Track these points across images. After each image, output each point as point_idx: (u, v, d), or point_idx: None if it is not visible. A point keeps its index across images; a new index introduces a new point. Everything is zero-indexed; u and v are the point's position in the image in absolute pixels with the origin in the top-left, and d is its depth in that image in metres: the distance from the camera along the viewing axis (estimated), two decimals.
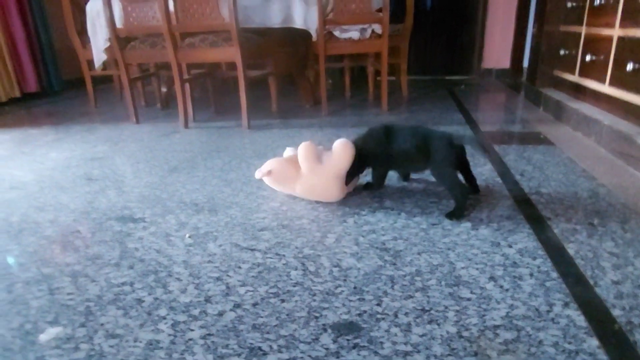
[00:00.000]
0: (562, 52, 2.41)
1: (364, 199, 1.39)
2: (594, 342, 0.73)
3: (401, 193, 1.43)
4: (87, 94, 3.28)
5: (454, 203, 1.25)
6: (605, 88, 1.91)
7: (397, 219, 1.23)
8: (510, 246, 1.06)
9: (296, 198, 1.41)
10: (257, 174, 1.41)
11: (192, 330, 0.82)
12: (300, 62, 2.92)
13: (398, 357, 0.72)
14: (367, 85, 3.33)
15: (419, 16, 3.01)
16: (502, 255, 1.02)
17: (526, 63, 3.79)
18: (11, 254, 1.12)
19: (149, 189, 1.56)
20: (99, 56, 2.96)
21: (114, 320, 0.86)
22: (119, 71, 3.37)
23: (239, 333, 0.80)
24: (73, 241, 1.19)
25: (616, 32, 1.82)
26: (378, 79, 3.24)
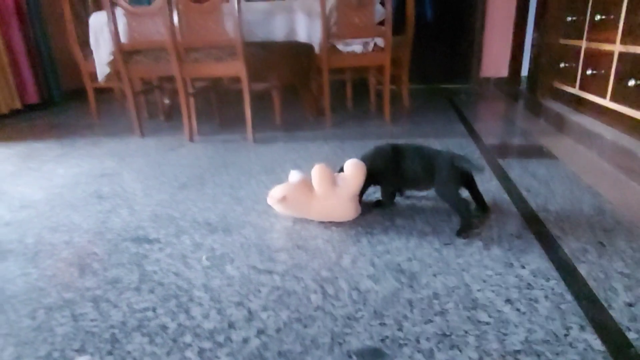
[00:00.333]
0: (562, 65, 2.45)
1: (375, 217, 1.41)
2: None
3: (411, 210, 1.45)
4: (89, 105, 3.29)
5: (460, 220, 1.29)
6: (606, 102, 1.95)
7: (410, 238, 1.25)
8: (523, 267, 1.08)
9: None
10: (271, 201, 1.41)
11: (219, 358, 0.83)
12: (303, 75, 2.95)
13: None
14: (369, 96, 3.36)
15: (419, 26, 3.06)
16: (516, 276, 1.04)
17: (524, 72, 3.85)
18: (31, 278, 1.13)
19: (161, 208, 1.57)
20: (102, 69, 2.97)
21: (140, 347, 0.87)
22: (122, 84, 3.40)
23: None
24: (91, 264, 1.20)
25: (617, 48, 1.86)
26: (378, 88, 3.28)
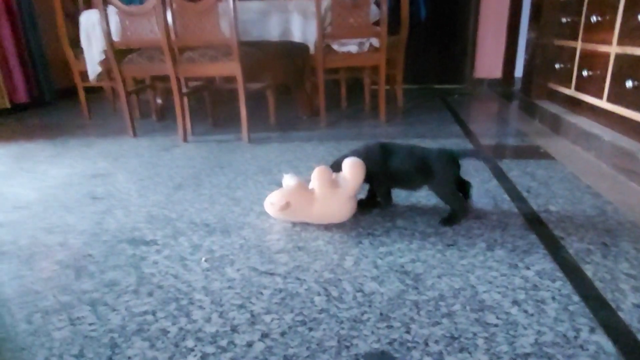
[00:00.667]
0: (557, 66, 2.46)
1: (375, 218, 1.40)
2: None
3: (411, 211, 1.44)
4: (80, 105, 3.24)
5: (450, 213, 1.35)
6: (603, 103, 1.96)
7: (412, 240, 1.24)
8: (528, 268, 1.07)
9: None
10: (271, 209, 1.36)
11: None
12: (298, 75, 2.93)
13: None
14: (362, 96, 3.35)
15: (413, 27, 3.06)
16: (522, 277, 1.03)
17: (517, 73, 3.87)
18: (26, 281, 1.10)
19: (157, 208, 1.54)
20: (94, 68, 2.93)
21: (141, 353, 0.84)
22: (114, 83, 3.35)
23: None
24: (87, 266, 1.17)
25: (614, 49, 1.87)
26: (373, 88, 3.27)
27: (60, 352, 0.85)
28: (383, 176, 1.40)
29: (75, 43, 3.06)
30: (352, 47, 2.63)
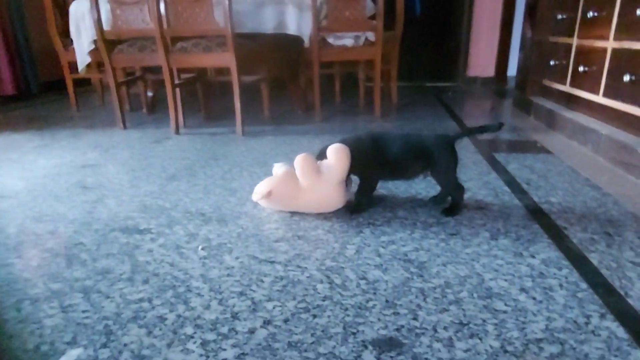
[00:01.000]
0: (553, 63, 2.47)
1: (376, 209, 1.37)
2: None
3: (412, 202, 1.42)
4: (67, 97, 3.17)
5: (452, 203, 1.34)
6: (599, 98, 1.96)
7: (414, 229, 1.22)
8: (533, 256, 1.06)
9: None
10: (255, 197, 1.34)
11: (225, 349, 0.78)
12: (292, 68, 2.90)
13: None
14: (356, 91, 3.32)
15: (407, 23, 3.04)
16: (528, 265, 1.01)
17: (510, 72, 3.88)
18: (14, 269, 1.05)
19: (150, 198, 1.50)
20: (83, 59, 2.86)
21: (138, 339, 0.81)
22: (103, 74, 3.28)
23: (275, 352, 0.77)
24: (78, 254, 1.12)
25: (610, 44, 1.87)
26: (367, 85, 3.25)
27: (51, 339, 0.81)
28: (374, 168, 1.34)
29: (64, 34, 2.99)
30: (348, 41, 2.61)
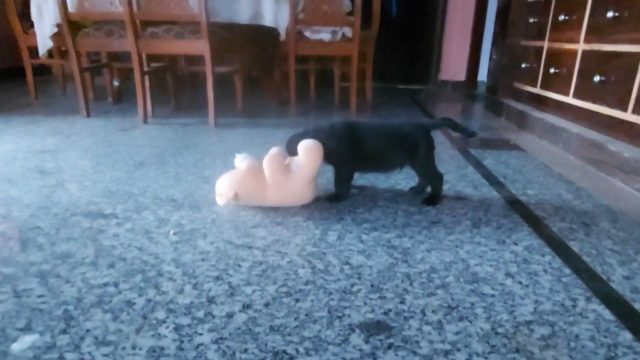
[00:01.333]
0: (524, 65, 2.52)
1: (356, 198, 1.34)
2: (629, 335, 0.72)
3: (392, 192, 1.39)
4: (25, 85, 2.99)
5: (431, 191, 1.33)
6: (569, 99, 2.01)
7: (396, 217, 1.19)
8: (515, 244, 1.04)
9: None
10: (221, 201, 1.22)
11: (201, 334, 0.71)
12: (267, 61, 2.84)
13: (439, 357, 0.67)
14: (331, 89, 3.30)
15: (383, 24, 3.05)
16: (511, 252, 1.00)
17: (480, 77, 3.97)
18: None
19: (116, 184, 1.41)
20: (45, 43, 2.70)
21: (103, 325, 0.73)
22: (65, 61, 3.11)
23: (256, 336, 0.71)
24: (34, 238, 1.03)
25: (581, 47, 1.92)
26: (342, 85, 3.23)
27: (2, 326, 0.72)
28: (349, 159, 1.27)
29: (24, 16, 2.82)
30: (325, 35, 2.58)
